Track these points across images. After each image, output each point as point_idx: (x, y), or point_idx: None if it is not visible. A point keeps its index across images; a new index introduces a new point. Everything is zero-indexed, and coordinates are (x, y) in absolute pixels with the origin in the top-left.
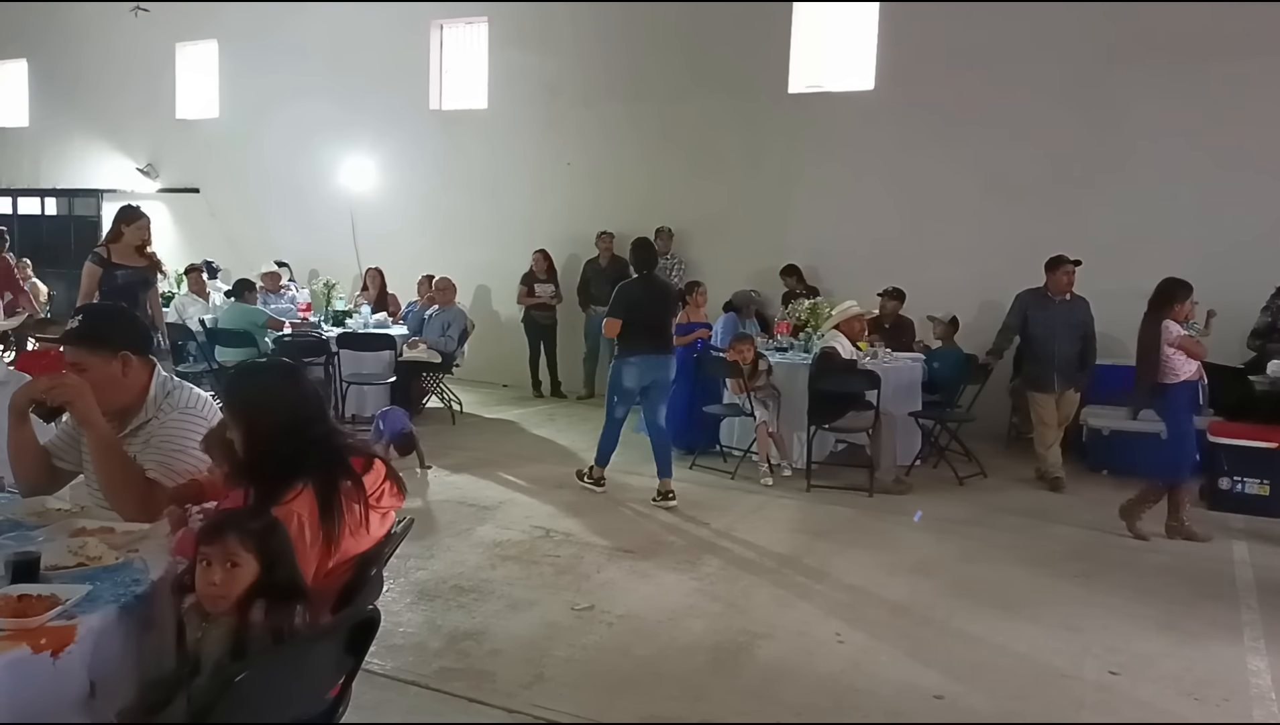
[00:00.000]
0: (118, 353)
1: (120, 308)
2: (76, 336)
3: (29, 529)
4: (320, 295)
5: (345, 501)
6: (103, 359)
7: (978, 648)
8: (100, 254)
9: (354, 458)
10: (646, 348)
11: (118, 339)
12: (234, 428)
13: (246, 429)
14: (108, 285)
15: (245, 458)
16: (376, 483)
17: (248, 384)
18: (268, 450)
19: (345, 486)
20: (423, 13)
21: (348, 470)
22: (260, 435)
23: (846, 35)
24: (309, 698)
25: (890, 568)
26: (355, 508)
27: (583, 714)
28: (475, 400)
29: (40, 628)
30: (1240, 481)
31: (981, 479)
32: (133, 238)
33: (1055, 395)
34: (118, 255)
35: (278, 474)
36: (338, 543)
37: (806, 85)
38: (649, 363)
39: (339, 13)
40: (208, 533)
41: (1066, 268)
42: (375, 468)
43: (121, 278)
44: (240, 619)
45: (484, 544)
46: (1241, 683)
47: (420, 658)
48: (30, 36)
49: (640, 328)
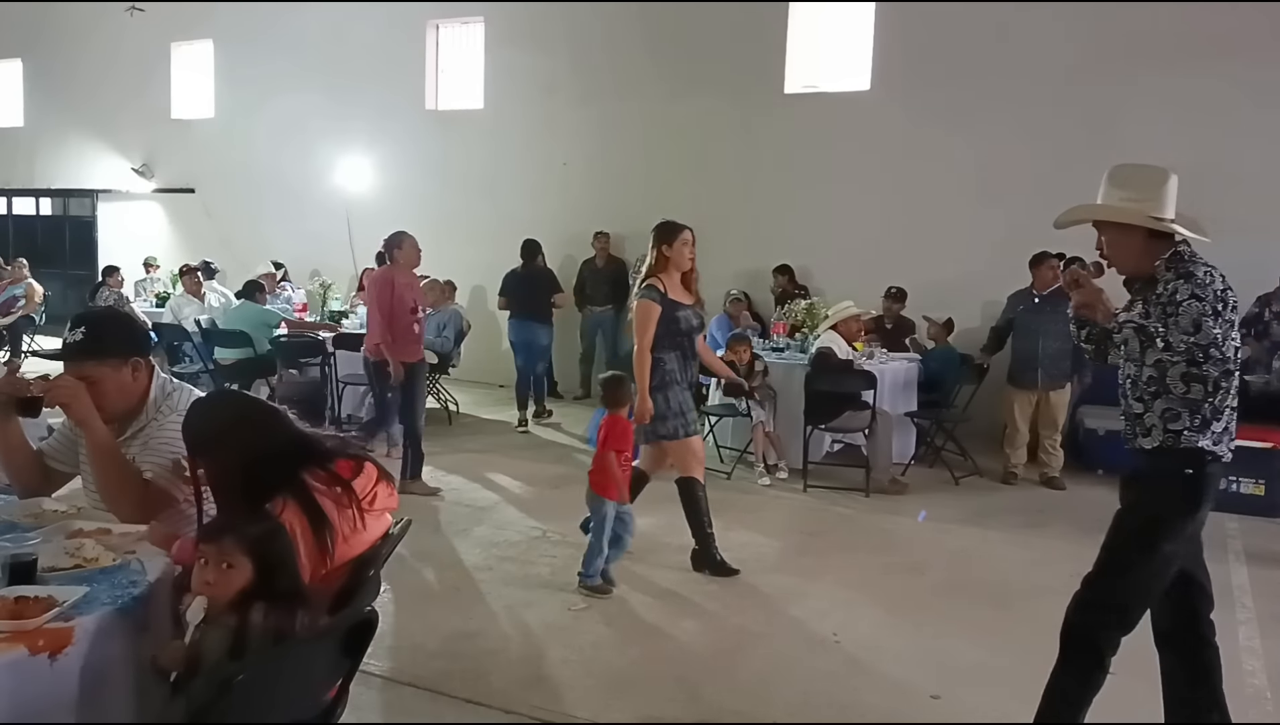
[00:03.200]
0: (128, 359)
1: (116, 312)
2: (83, 349)
3: (25, 530)
4: (316, 296)
5: (335, 506)
6: (114, 367)
7: (974, 647)
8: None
9: (341, 461)
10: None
11: (124, 344)
12: (201, 464)
13: (210, 464)
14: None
15: (218, 488)
16: (368, 485)
17: (203, 422)
18: (236, 480)
19: (334, 492)
20: (419, 12)
21: (332, 477)
22: (227, 467)
23: (842, 35)
24: (307, 699)
25: (886, 567)
26: (348, 511)
27: (580, 714)
28: (471, 401)
29: (37, 629)
30: (1235, 481)
31: (977, 478)
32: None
33: (1036, 393)
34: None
35: (255, 497)
36: (332, 547)
37: (802, 85)
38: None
39: (335, 12)
40: (209, 531)
41: (1050, 263)
42: (366, 470)
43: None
44: (240, 620)
45: (481, 545)
46: (1237, 682)
47: (417, 658)
48: (25, 36)
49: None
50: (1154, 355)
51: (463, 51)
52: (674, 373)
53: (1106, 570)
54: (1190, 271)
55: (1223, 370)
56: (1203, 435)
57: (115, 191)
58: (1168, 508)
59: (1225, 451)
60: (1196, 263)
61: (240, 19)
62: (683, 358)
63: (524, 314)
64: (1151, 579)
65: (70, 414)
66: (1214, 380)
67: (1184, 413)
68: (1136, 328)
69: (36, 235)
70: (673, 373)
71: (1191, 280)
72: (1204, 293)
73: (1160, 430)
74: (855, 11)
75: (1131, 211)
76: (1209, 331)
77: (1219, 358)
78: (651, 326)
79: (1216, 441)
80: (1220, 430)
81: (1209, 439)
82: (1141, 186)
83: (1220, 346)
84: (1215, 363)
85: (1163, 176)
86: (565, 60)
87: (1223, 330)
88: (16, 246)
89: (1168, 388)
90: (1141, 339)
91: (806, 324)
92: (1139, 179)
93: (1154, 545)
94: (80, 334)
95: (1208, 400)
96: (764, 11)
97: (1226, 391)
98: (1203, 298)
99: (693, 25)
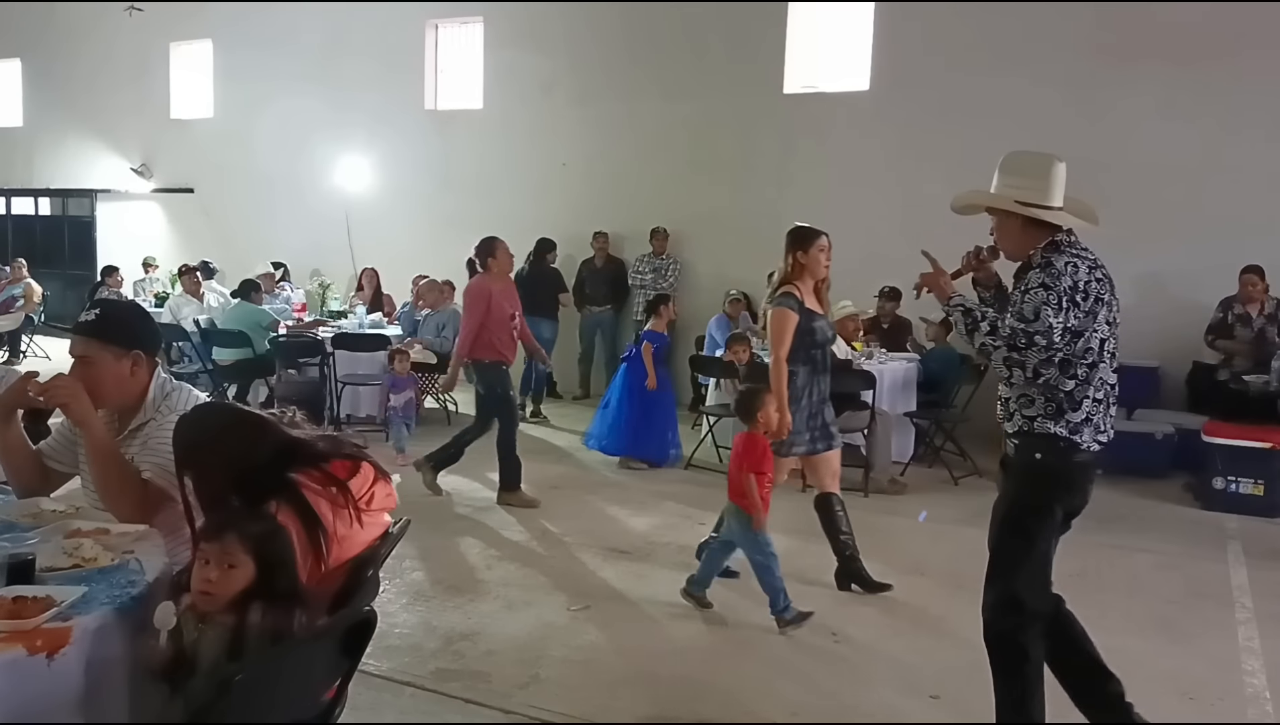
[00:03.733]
0: (129, 351)
1: (137, 306)
2: (90, 328)
3: (23, 530)
4: (315, 295)
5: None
6: (113, 355)
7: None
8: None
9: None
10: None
11: (131, 336)
12: (199, 475)
13: (199, 476)
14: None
15: (209, 500)
16: (365, 485)
17: (190, 434)
18: (228, 491)
19: (329, 492)
20: (418, 12)
21: (327, 477)
22: (216, 478)
23: (842, 35)
24: (305, 699)
25: (885, 567)
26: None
27: (579, 715)
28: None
29: (36, 629)
30: (1234, 481)
31: (976, 478)
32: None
33: None
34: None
35: (247, 504)
36: (327, 551)
37: (802, 85)
38: None
39: (334, 12)
40: (209, 530)
41: None
42: (363, 470)
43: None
44: (238, 620)
45: (479, 545)
46: (1236, 683)
47: (416, 659)
48: (24, 36)
49: None
50: (979, 338)
51: (462, 51)
52: (806, 386)
53: (996, 570)
54: (1050, 261)
55: (1062, 360)
56: (1055, 422)
57: (114, 191)
58: (1031, 495)
59: (1088, 441)
60: (1063, 252)
61: (239, 19)
62: (814, 370)
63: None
64: (1036, 568)
65: (69, 414)
66: (1034, 367)
67: (1038, 398)
68: (964, 310)
69: (35, 235)
70: (804, 386)
71: (1048, 269)
72: (1054, 283)
73: (1019, 416)
74: (854, 12)
75: (1001, 198)
76: (1045, 320)
77: (1044, 346)
78: (788, 336)
79: (1074, 431)
80: (1079, 420)
81: (1063, 427)
82: (1025, 174)
83: (1051, 336)
84: (1039, 350)
85: (1047, 164)
86: (565, 60)
87: (1077, 321)
88: (15, 246)
89: (1009, 372)
90: (967, 322)
91: None
92: (1024, 166)
93: (1027, 534)
94: (93, 314)
95: (1059, 387)
96: (763, 12)
97: (1085, 382)
98: (1050, 288)
99: (692, 25)
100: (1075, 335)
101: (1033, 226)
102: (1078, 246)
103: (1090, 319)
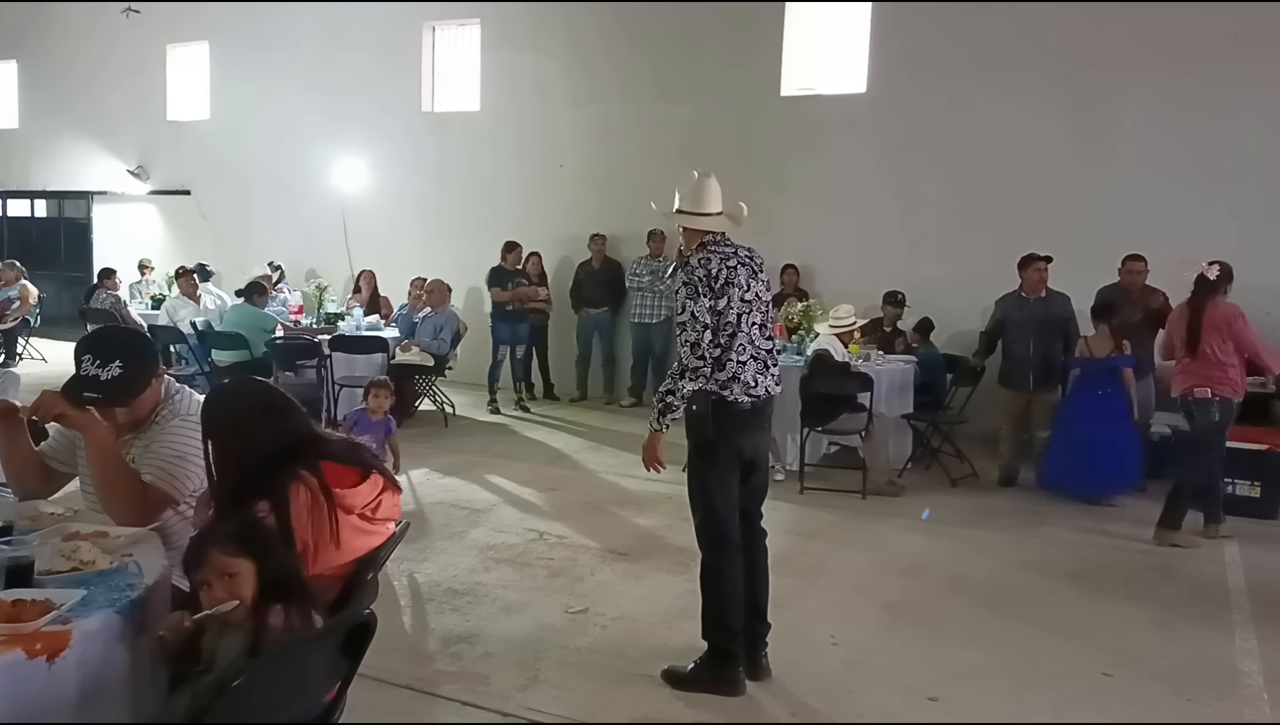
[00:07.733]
0: (157, 374)
1: (133, 331)
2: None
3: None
4: (312, 297)
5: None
6: (152, 389)
7: (971, 648)
8: None
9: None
10: None
11: (149, 372)
12: (217, 448)
13: (223, 450)
14: None
15: (227, 475)
16: (374, 493)
17: (223, 409)
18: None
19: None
20: (415, 14)
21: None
22: (242, 454)
23: (839, 37)
24: (305, 701)
25: (883, 569)
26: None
27: (577, 716)
28: (468, 402)
29: (35, 633)
30: (1231, 483)
31: (974, 480)
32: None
33: (1027, 394)
34: None
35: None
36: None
37: (799, 87)
38: None
39: (331, 14)
40: (191, 563)
41: (1037, 265)
42: (373, 478)
43: None
44: (257, 623)
45: (477, 547)
46: (1233, 683)
47: (414, 661)
48: (19, 37)
49: None
50: (679, 377)
51: (459, 53)
52: None
53: (691, 504)
54: (687, 260)
55: (707, 332)
56: (708, 382)
57: (110, 193)
58: (694, 437)
59: (738, 396)
60: (705, 250)
61: (236, 20)
62: None
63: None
64: (711, 497)
65: (67, 424)
66: (693, 342)
67: (693, 364)
68: (665, 403)
69: (31, 237)
70: None
71: (685, 267)
72: (689, 277)
73: (685, 381)
74: (851, 13)
75: (663, 209)
76: (688, 308)
77: (699, 326)
78: None
79: (723, 387)
80: (727, 378)
81: (715, 385)
82: (684, 190)
83: (698, 317)
84: (695, 330)
85: (700, 182)
86: (561, 62)
87: (710, 302)
88: (11, 248)
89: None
90: (669, 397)
91: (803, 326)
92: (685, 185)
93: (700, 469)
94: (118, 368)
95: (703, 356)
96: (760, 13)
97: (726, 347)
98: (687, 282)
99: (689, 27)
100: (716, 314)
101: (689, 232)
102: (721, 245)
103: (723, 298)
